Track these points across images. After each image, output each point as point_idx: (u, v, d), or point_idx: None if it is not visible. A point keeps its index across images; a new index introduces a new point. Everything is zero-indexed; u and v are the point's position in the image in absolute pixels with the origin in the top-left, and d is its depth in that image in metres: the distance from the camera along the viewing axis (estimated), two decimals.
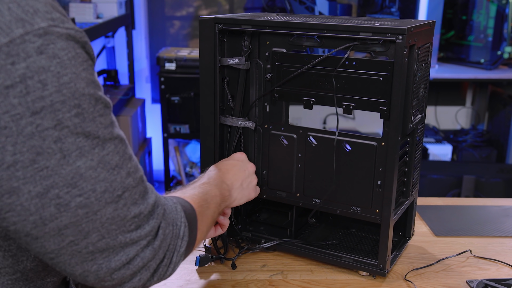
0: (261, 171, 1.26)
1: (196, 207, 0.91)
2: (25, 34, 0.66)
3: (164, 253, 0.79)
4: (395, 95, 1.06)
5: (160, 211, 0.79)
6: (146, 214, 0.76)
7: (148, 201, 0.77)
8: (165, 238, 0.79)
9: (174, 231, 0.81)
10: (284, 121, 1.22)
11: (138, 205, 0.75)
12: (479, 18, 3.38)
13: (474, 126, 3.85)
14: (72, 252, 0.71)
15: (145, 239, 0.76)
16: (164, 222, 0.79)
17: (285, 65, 1.17)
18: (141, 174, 0.77)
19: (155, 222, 0.77)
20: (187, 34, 4.13)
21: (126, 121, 3.15)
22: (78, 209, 0.70)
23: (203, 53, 1.22)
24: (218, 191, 1.05)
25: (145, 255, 0.76)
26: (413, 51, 1.08)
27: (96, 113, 0.71)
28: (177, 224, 0.82)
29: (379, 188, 1.12)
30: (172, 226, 0.81)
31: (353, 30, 1.07)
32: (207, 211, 0.96)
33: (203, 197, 0.97)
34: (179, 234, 0.82)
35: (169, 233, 0.79)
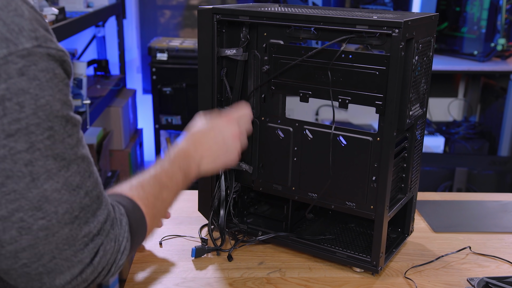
0: (258, 164, 1.24)
1: (146, 210, 0.90)
2: (9, 55, 0.66)
3: (103, 267, 0.78)
4: (390, 90, 1.04)
5: (107, 227, 0.78)
6: (95, 233, 0.76)
7: (98, 219, 0.77)
8: (105, 254, 0.78)
9: (115, 247, 0.80)
10: (280, 114, 1.20)
11: (89, 223, 0.75)
12: (472, 10, 3.36)
13: (467, 118, 3.85)
14: (22, 273, 0.71)
15: (89, 257, 0.75)
16: (107, 238, 0.78)
17: (282, 57, 1.15)
18: (98, 192, 0.77)
19: (99, 239, 0.77)
20: (178, 23, 4.08)
21: (117, 112, 3.11)
22: (39, 231, 0.70)
23: (201, 43, 1.20)
24: (180, 172, 1.02)
25: (87, 271, 0.76)
26: (411, 44, 1.06)
27: (65, 134, 0.72)
28: (119, 239, 0.80)
29: (374, 183, 1.11)
30: (114, 242, 0.80)
31: (350, 23, 1.05)
32: (160, 202, 0.95)
33: (157, 190, 0.95)
34: (119, 249, 0.81)
35: (110, 249, 0.79)
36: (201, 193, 1.31)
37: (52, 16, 2.05)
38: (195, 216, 1.38)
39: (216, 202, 1.27)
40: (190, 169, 1.06)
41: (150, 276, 1.14)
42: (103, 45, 3.61)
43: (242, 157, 1.26)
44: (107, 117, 3.08)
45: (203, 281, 1.13)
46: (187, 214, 1.40)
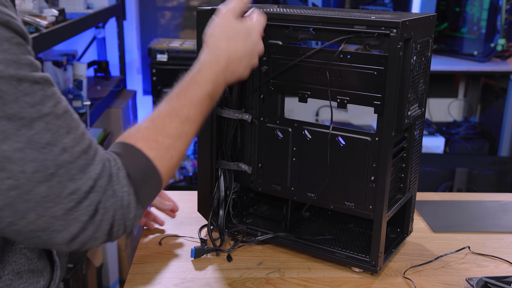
0: (257, 164, 1.24)
1: (152, 153, 0.86)
2: None
3: (110, 224, 0.78)
4: (389, 90, 1.05)
5: (102, 183, 0.78)
6: (86, 190, 0.75)
7: (89, 175, 0.76)
8: (107, 211, 0.78)
9: (116, 203, 0.79)
10: (279, 114, 1.21)
11: (75, 180, 0.74)
12: (472, 10, 3.37)
13: (467, 118, 3.85)
14: (14, 231, 0.74)
15: (86, 214, 0.75)
16: (105, 195, 0.78)
17: (281, 57, 1.15)
18: (84, 147, 0.76)
19: (95, 196, 0.76)
20: (178, 25, 4.08)
21: (117, 113, 3.12)
22: (9, 191, 0.70)
23: (201, 44, 1.20)
24: (204, 85, 0.99)
25: (89, 229, 0.76)
26: (409, 45, 1.06)
27: (19, 93, 0.71)
28: (117, 195, 0.79)
29: (373, 183, 1.11)
30: (113, 198, 0.79)
31: (347, 23, 1.05)
32: (173, 139, 0.90)
33: (170, 125, 0.91)
34: (122, 204, 0.80)
35: (110, 206, 0.78)
36: (200, 193, 1.32)
37: (52, 18, 2.06)
38: (194, 216, 1.38)
39: (216, 203, 1.27)
40: (219, 84, 1.02)
41: (149, 276, 1.15)
42: (103, 47, 3.62)
43: (241, 158, 1.27)
44: (107, 118, 3.08)
45: (202, 281, 1.13)
46: (187, 215, 1.41)
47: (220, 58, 1.04)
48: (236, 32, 1.08)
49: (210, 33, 1.08)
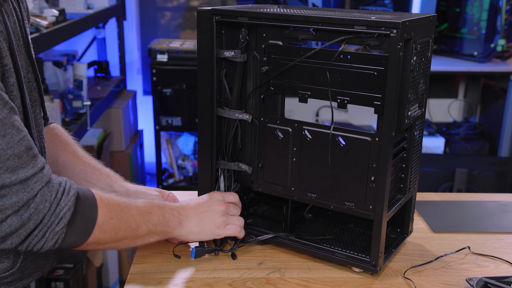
0: (257, 164, 1.24)
1: (103, 206, 0.96)
2: None
3: (36, 225, 0.86)
4: (389, 90, 1.05)
5: (36, 186, 0.86)
6: (12, 186, 0.83)
7: (18, 176, 0.84)
8: (37, 212, 0.86)
9: (51, 209, 0.88)
10: (279, 114, 1.21)
11: (2, 178, 0.83)
12: (472, 11, 3.37)
13: (467, 119, 3.85)
14: None
15: (11, 209, 0.84)
16: (40, 197, 0.86)
17: (281, 58, 1.15)
18: (17, 152, 0.84)
19: (24, 195, 0.85)
20: (178, 25, 4.09)
21: (117, 113, 3.12)
22: None
23: (201, 44, 1.20)
24: (160, 212, 1.09)
25: (12, 222, 0.84)
26: (409, 45, 1.06)
27: None
28: (60, 204, 0.89)
29: (373, 184, 1.11)
30: (50, 203, 0.88)
31: (348, 23, 1.05)
32: (124, 214, 1.00)
33: (128, 206, 1.02)
34: (58, 213, 0.88)
35: (43, 209, 0.87)
36: (200, 193, 1.32)
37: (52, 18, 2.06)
38: None
39: None
40: (172, 220, 1.12)
41: (150, 276, 1.15)
42: (104, 47, 3.62)
43: (241, 158, 1.27)
44: (107, 118, 3.09)
45: (203, 281, 1.13)
46: None
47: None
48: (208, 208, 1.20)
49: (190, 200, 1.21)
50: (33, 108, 1.04)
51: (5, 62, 0.90)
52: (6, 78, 0.90)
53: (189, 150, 3.66)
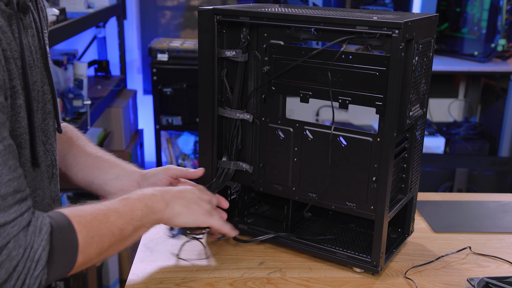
0: (258, 164, 1.24)
1: (81, 229, 0.90)
2: None
3: (9, 274, 0.79)
4: (390, 90, 1.04)
5: (12, 231, 0.79)
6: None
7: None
8: (10, 259, 0.79)
9: (25, 254, 0.81)
10: (281, 114, 1.21)
11: None
12: (473, 10, 3.36)
13: (467, 118, 3.85)
14: None
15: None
16: (14, 243, 0.79)
17: (282, 57, 1.15)
18: (3, 193, 0.79)
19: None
20: (178, 24, 4.08)
21: (117, 113, 3.12)
22: None
23: (202, 44, 1.20)
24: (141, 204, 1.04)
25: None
26: (411, 45, 1.06)
27: None
28: (33, 246, 0.82)
29: (374, 184, 1.11)
30: (24, 249, 0.81)
31: (350, 24, 1.05)
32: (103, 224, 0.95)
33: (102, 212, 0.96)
34: (33, 257, 0.82)
35: (16, 255, 0.80)
36: None
37: (53, 17, 2.06)
38: None
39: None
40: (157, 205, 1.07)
41: (150, 276, 1.15)
42: (104, 46, 3.62)
43: (242, 157, 1.27)
44: (107, 117, 3.08)
45: (204, 281, 1.13)
46: None
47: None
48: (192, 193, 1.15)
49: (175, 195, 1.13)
50: (46, 120, 1.03)
51: (13, 84, 0.87)
52: (13, 100, 0.88)
53: (190, 150, 3.66)
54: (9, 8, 0.89)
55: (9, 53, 0.87)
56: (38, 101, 1.00)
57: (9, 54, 0.86)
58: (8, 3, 0.88)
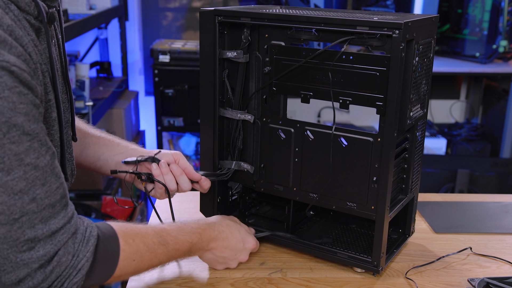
0: (259, 164, 1.25)
1: (126, 249, 0.93)
2: None
3: (57, 277, 0.83)
4: (391, 91, 1.05)
5: (63, 238, 0.83)
6: (43, 239, 0.81)
7: (49, 227, 0.82)
8: (60, 264, 0.83)
9: (72, 261, 0.85)
10: (282, 114, 1.21)
11: (35, 229, 0.80)
12: (474, 12, 3.37)
13: (469, 120, 3.85)
14: None
15: (37, 262, 0.81)
16: (64, 250, 0.83)
17: (283, 58, 1.15)
18: (52, 201, 0.82)
19: (51, 248, 0.82)
20: (180, 26, 4.09)
21: (119, 114, 3.12)
22: None
23: (203, 45, 1.20)
24: (188, 248, 1.07)
25: (36, 276, 0.81)
26: (411, 46, 1.06)
27: (6, 140, 0.75)
28: (79, 255, 0.86)
29: (375, 184, 1.11)
30: (72, 256, 0.85)
31: (350, 24, 1.06)
32: (149, 253, 0.98)
33: (152, 241, 0.99)
34: (77, 265, 0.85)
35: (65, 261, 0.84)
36: (202, 194, 1.32)
37: None
38: (196, 217, 1.38)
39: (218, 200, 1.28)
40: (198, 247, 1.10)
41: (152, 276, 1.15)
42: (106, 47, 3.63)
43: (243, 158, 1.27)
44: (109, 118, 3.09)
45: (205, 281, 1.14)
46: (189, 215, 1.41)
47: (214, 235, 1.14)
48: (239, 241, 1.18)
49: (228, 224, 1.19)
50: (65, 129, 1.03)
51: (49, 98, 0.89)
52: (49, 114, 0.89)
53: (191, 151, 3.67)
54: (38, 21, 0.88)
55: (44, 67, 0.87)
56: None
57: (44, 68, 0.87)
58: (37, 16, 0.88)
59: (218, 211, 1.30)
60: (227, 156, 1.28)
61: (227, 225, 1.17)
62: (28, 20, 0.86)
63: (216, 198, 1.29)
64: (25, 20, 0.85)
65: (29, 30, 0.85)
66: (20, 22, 0.83)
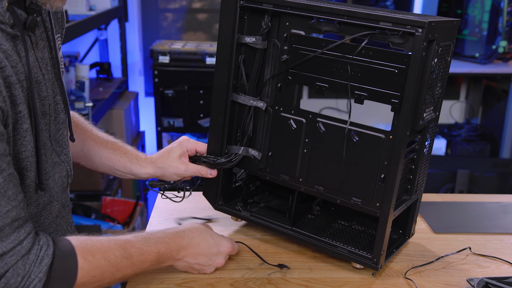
0: (267, 153, 1.25)
1: (84, 266, 0.91)
2: None
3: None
4: (408, 89, 1.04)
5: (11, 260, 0.83)
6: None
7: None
8: (8, 286, 0.83)
9: (22, 282, 0.84)
10: (295, 104, 1.21)
11: None
12: (474, 12, 3.37)
13: (468, 120, 3.85)
14: None
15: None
16: (12, 271, 0.83)
17: (302, 48, 1.15)
18: (1, 225, 0.81)
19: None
20: (180, 27, 4.09)
21: (119, 115, 3.13)
22: None
23: (223, 27, 1.19)
24: (155, 258, 1.06)
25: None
26: (432, 46, 1.05)
27: None
28: (30, 276, 0.85)
29: (382, 181, 1.11)
30: (22, 277, 0.84)
31: (373, 19, 1.04)
32: (110, 267, 0.96)
33: (114, 255, 0.97)
34: (28, 286, 0.85)
35: (14, 283, 0.83)
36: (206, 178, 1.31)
37: None
38: (199, 215, 1.39)
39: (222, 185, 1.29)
40: (167, 256, 1.09)
41: (151, 276, 1.15)
42: (106, 48, 3.63)
43: (252, 145, 1.27)
44: (109, 119, 3.09)
45: (205, 281, 1.14)
46: (189, 215, 1.41)
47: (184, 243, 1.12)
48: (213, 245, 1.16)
49: (197, 229, 1.16)
50: (60, 130, 1.03)
51: (19, 109, 0.87)
52: (19, 125, 0.88)
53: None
54: (15, 30, 0.87)
55: (14, 78, 0.86)
56: (50, 114, 0.99)
57: (13, 80, 0.86)
58: (13, 25, 0.87)
59: (221, 196, 1.30)
60: (235, 142, 1.27)
61: (198, 231, 1.15)
62: (2, 29, 0.85)
63: (220, 183, 1.28)
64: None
65: (2, 40, 0.84)
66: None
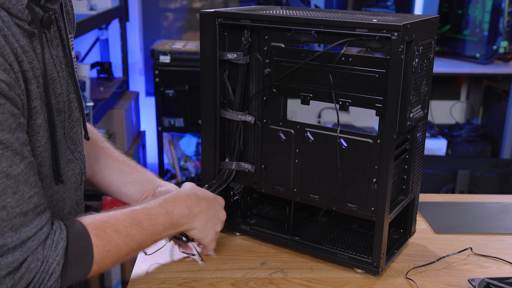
0: (260, 166, 1.25)
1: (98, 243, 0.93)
2: None
3: (27, 283, 0.84)
4: (390, 93, 1.05)
5: (33, 245, 0.84)
6: (12, 247, 0.81)
7: (20, 235, 0.82)
8: (29, 271, 0.84)
9: (42, 267, 0.85)
10: (282, 116, 1.21)
11: (5, 237, 0.81)
12: (475, 13, 3.37)
13: (469, 120, 3.85)
14: None
15: (5, 269, 0.81)
16: (33, 256, 0.84)
17: (283, 60, 1.16)
18: (24, 210, 0.82)
19: (20, 255, 0.83)
20: (181, 26, 4.09)
21: (120, 114, 3.13)
22: None
23: (204, 46, 1.21)
24: (166, 219, 1.05)
25: (5, 282, 0.82)
26: (411, 47, 1.06)
27: None
28: (48, 260, 0.86)
29: (375, 185, 1.11)
30: (42, 262, 0.85)
31: (349, 26, 1.06)
32: (123, 238, 0.97)
33: (124, 225, 0.98)
34: (48, 270, 0.86)
35: (34, 268, 0.84)
36: None
37: None
38: None
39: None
40: (180, 219, 1.08)
41: (152, 276, 1.15)
42: (106, 48, 3.63)
43: (244, 159, 1.27)
44: (110, 119, 3.09)
45: (206, 281, 1.14)
46: None
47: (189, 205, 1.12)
48: (212, 205, 1.17)
49: (194, 190, 1.16)
50: (74, 128, 1.03)
51: (33, 105, 0.88)
52: (33, 120, 0.89)
53: (191, 151, 3.67)
54: (32, 27, 0.88)
55: (31, 73, 0.87)
56: (65, 112, 1.00)
57: (30, 75, 0.86)
58: (31, 22, 0.88)
59: None
60: (228, 157, 1.28)
61: (192, 186, 1.17)
62: (20, 25, 0.85)
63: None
64: (16, 26, 0.84)
65: (20, 36, 0.85)
66: (8, 29, 0.82)
